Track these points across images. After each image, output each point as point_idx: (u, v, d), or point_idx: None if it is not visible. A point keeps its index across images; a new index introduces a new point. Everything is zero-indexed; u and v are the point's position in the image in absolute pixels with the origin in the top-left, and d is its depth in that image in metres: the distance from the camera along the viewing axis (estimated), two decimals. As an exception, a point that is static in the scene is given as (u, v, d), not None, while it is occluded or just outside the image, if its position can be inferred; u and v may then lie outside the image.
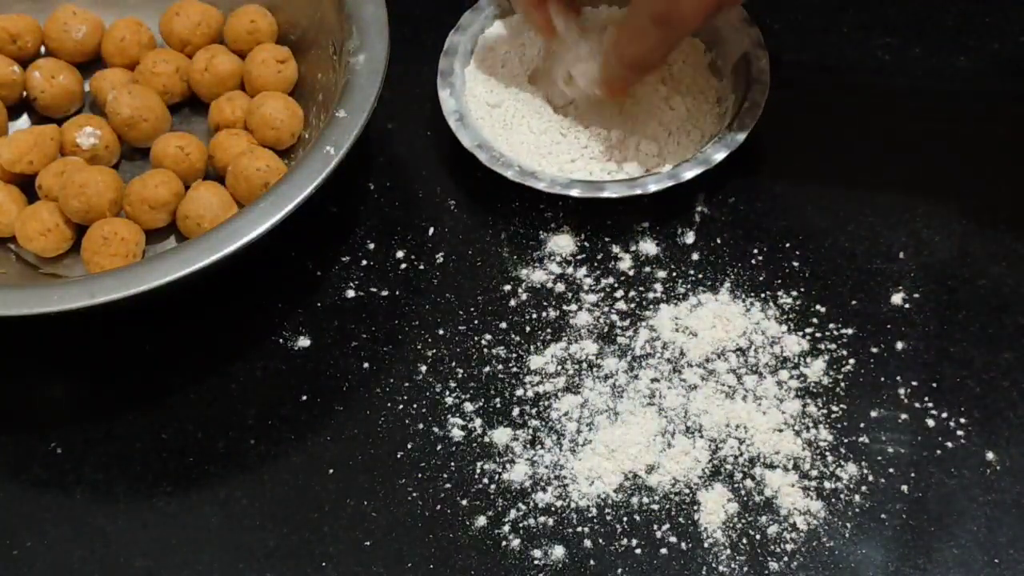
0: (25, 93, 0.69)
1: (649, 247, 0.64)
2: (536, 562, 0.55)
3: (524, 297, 0.63)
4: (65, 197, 0.62)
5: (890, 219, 0.64)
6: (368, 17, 0.64)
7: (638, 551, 0.55)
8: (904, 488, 0.56)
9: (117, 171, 0.65)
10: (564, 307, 0.62)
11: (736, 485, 0.56)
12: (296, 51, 0.68)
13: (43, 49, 0.70)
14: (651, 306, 0.62)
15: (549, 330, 0.61)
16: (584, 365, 0.60)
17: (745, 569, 0.54)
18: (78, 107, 0.69)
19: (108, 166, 0.65)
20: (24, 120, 0.69)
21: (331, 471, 0.57)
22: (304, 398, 0.59)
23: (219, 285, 0.60)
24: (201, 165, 0.65)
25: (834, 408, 0.58)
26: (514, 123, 0.67)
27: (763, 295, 0.62)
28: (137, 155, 0.67)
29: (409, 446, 0.58)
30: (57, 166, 0.64)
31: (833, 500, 0.56)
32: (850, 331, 0.61)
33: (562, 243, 0.64)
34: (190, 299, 0.59)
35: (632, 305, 0.62)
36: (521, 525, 0.56)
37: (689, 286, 0.63)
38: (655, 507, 0.56)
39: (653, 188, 0.63)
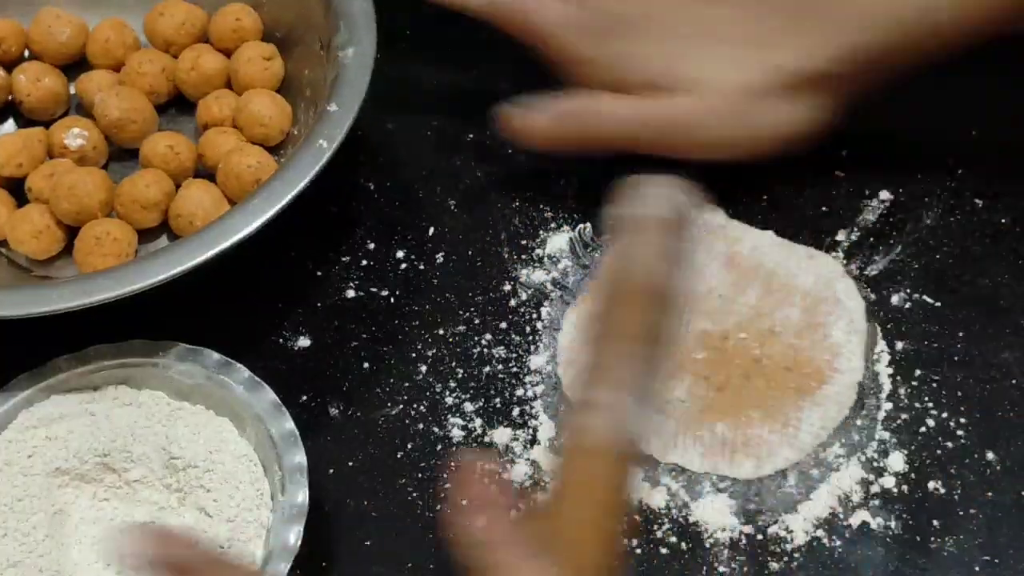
0: (11, 97, 0.68)
1: (649, 247, 0.64)
2: (537, 562, 0.55)
3: (524, 297, 0.62)
4: (55, 199, 0.62)
5: (891, 219, 0.64)
6: (355, 11, 0.64)
7: (638, 551, 0.55)
8: (904, 488, 0.56)
9: (106, 172, 0.65)
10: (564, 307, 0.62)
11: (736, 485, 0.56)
12: (282, 48, 0.68)
13: (27, 52, 0.70)
14: (651, 306, 0.62)
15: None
16: (584, 365, 0.60)
17: (745, 569, 0.54)
18: (64, 110, 0.68)
19: (96, 167, 0.65)
20: (10, 124, 0.69)
21: (331, 471, 0.57)
22: (304, 398, 0.59)
23: (218, 285, 0.60)
24: (191, 164, 0.65)
25: (834, 408, 0.58)
26: None
27: (763, 295, 0.62)
28: (126, 155, 0.67)
29: (409, 446, 0.58)
30: (46, 168, 0.64)
31: (833, 500, 0.56)
32: (850, 331, 0.60)
33: (562, 243, 0.64)
34: (189, 299, 0.59)
35: (632, 305, 0.62)
36: (521, 525, 0.55)
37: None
38: (655, 507, 0.56)
39: None
